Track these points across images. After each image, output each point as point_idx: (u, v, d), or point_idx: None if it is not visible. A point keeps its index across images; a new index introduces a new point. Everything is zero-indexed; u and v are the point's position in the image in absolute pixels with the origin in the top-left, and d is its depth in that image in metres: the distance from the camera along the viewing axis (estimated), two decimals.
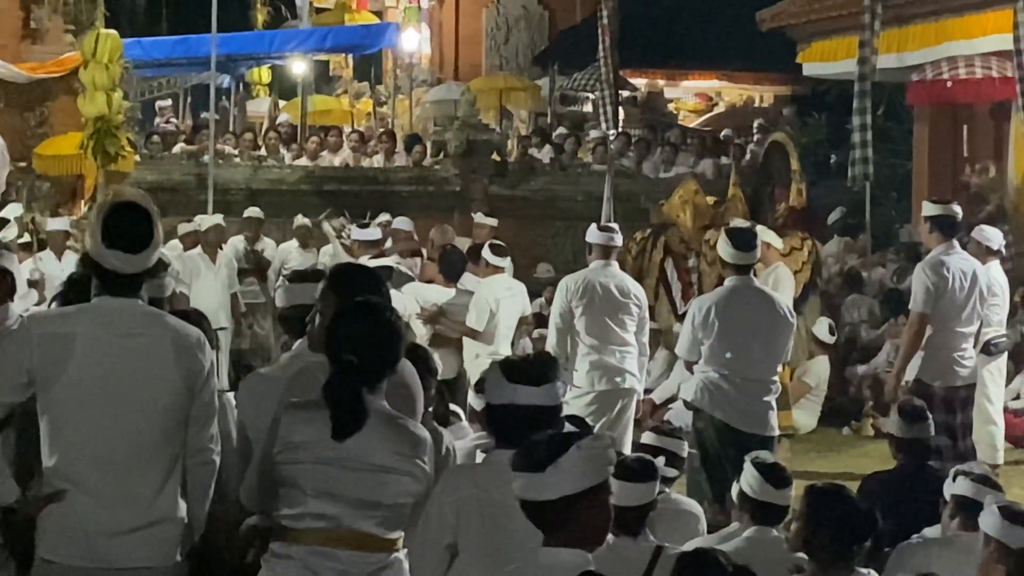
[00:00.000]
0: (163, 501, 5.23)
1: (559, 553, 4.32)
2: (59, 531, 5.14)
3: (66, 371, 5.13)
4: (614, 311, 10.88)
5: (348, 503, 4.94)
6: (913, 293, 10.65)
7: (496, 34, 33.29)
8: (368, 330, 5.09)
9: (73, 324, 5.22)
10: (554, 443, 4.30)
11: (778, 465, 6.67)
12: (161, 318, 5.34)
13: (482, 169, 21.80)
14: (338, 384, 5.00)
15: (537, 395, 4.98)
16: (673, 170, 22.77)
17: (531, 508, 4.31)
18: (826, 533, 5.79)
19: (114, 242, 5.20)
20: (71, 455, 5.15)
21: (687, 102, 33.36)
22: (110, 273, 5.25)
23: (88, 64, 16.75)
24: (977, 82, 19.58)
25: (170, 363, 5.22)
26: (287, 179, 21.44)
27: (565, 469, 4.23)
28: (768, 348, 9.67)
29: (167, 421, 5.22)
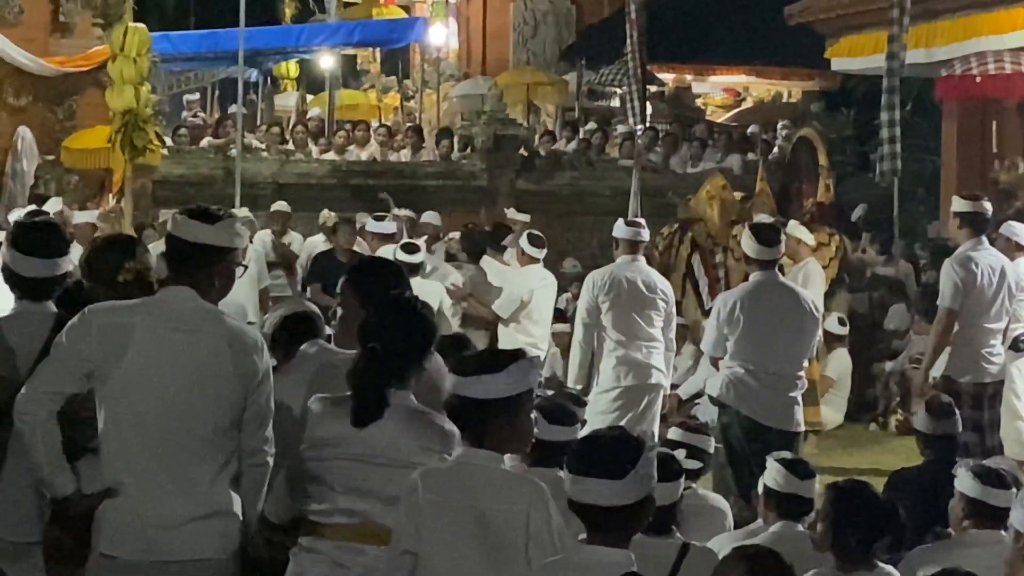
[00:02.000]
0: (218, 494, 5.24)
1: (600, 551, 4.38)
2: (117, 525, 5.16)
3: (124, 362, 5.15)
4: (641, 307, 10.85)
5: (376, 498, 4.94)
6: (941, 289, 10.59)
7: (524, 29, 33.24)
8: (395, 321, 5.09)
9: (132, 316, 5.24)
10: (624, 446, 4.45)
11: (800, 459, 6.67)
12: (220, 316, 5.35)
13: (509, 164, 21.83)
14: (361, 372, 5.01)
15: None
16: (700, 165, 22.77)
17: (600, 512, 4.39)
18: (850, 530, 5.77)
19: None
20: (128, 446, 5.17)
21: (715, 97, 33.31)
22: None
23: (116, 58, 16.77)
24: (1006, 77, 19.49)
25: (227, 362, 5.23)
26: (314, 173, 21.47)
27: (644, 473, 4.41)
28: (793, 343, 9.64)
29: (221, 418, 5.23)
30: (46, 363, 5.29)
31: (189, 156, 21.12)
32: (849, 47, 21.68)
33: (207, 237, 5.29)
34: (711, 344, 9.80)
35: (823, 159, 15.63)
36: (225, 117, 24.38)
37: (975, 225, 10.53)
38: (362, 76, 35.01)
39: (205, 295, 5.29)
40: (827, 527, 5.82)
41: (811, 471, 6.51)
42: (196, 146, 21.99)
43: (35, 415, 5.18)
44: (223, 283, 5.37)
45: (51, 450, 5.20)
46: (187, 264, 5.29)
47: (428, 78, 30.94)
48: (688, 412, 12.60)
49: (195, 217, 5.33)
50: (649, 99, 21.21)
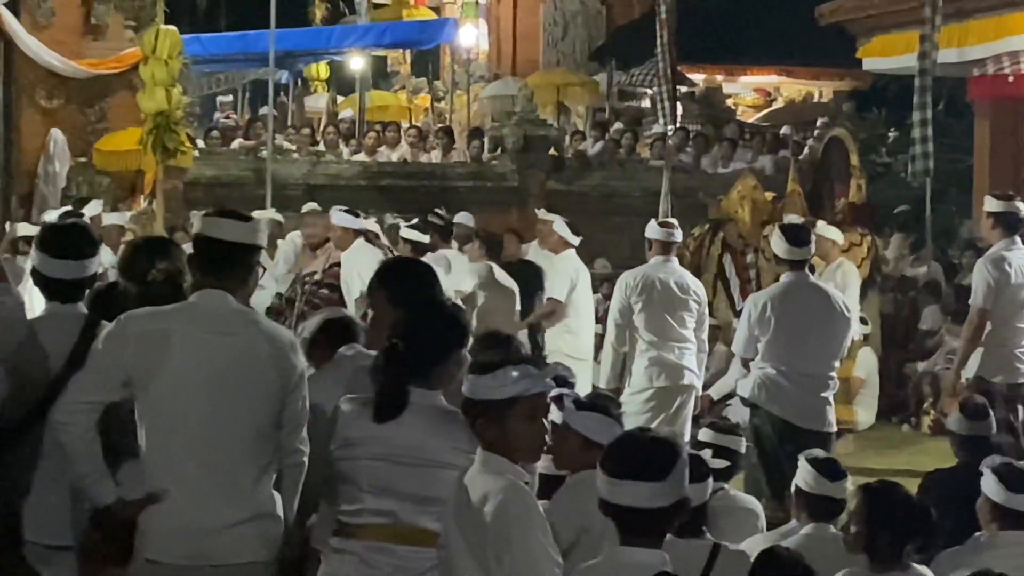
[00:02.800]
0: (260, 497, 5.25)
1: (635, 552, 4.38)
2: (163, 531, 5.16)
3: (163, 369, 5.16)
4: (673, 307, 10.83)
5: (405, 499, 4.93)
6: (973, 289, 10.55)
7: (554, 29, 33.21)
8: (422, 319, 5.09)
9: (169, 322, 5.25)
10: (662, 448, 4.51)
11: (831, 459, 6.63)
12: (255, 318, 5.38)
13: (539, 164, 21.84)
14: (381, 367, 5.01)
15: None
16: (731, 166, 22.73)
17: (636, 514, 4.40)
18: (882, 531, 5.75)
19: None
20: (170, 452, 5.17)
21: (746, 97, 33.27)
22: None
23: (148, 60, 16.84)
24: None
25: (265, 363, 5.24)
26: (345, 174, 21.50)
27: (680, 475, 4.44)
28: (825, 344, 9.62)
29: (262, 420, 5.24)
30: (84, 372, 5.29)
31: (220, 158, 21.16)
32: (881, 47, 21.63)
33: (239, 235, 5.31)
34: (742, 345, 9.77)
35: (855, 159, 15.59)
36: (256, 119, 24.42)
37: (1008, 224, 10.49)
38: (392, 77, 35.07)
39: (236, 295, 5.29)
40: (859, 528, 5.80)
41: (842, 472, 6.49)
42: (227, 148, 22.03)
43: (75, 426, 5.18)
44: (252, 282, 5.40)
45: (92, 460, 5.21)
46: (218, 264, 5.29)
47: (458, 79, 30.99)
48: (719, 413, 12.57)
49: (223, 216, 5.35)
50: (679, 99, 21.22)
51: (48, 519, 5.63)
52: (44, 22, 18.43)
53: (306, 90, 32.33)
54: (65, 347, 5.58)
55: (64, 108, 18.57)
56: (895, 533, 5.75)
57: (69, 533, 5.60)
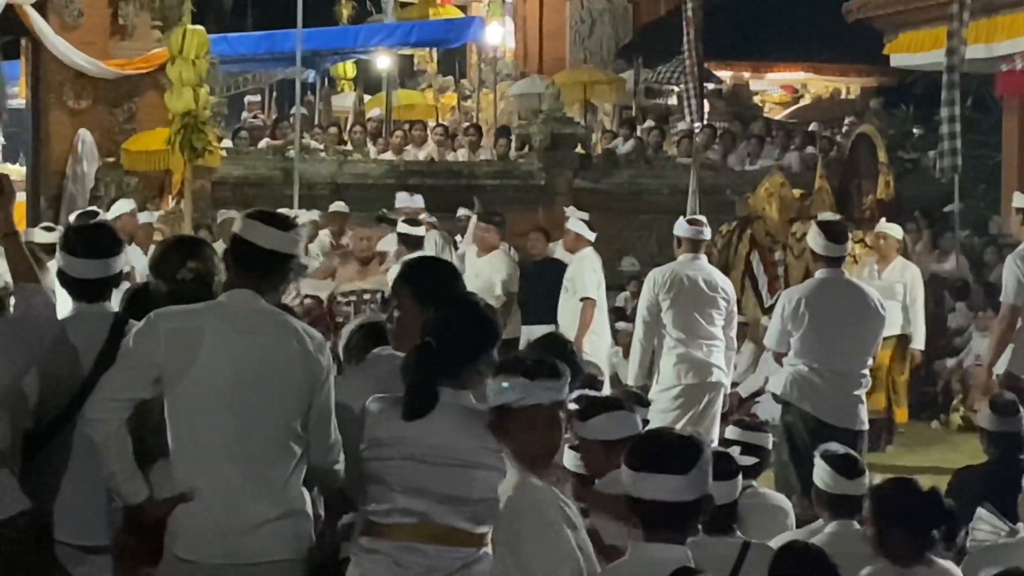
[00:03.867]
0: (291, 494, 5.26)
1: (658, 548, 4.40)
2: (194, 529, 5.17)
3: (194, 366, 5.17)
4: (702, 305, 10.81)
5: (436, 498, 4.93)
6: (1004, 285, 10.52)
7: (580, 27, 33.19)
8: (453, 318, 5.09)
9: (200, 320, 5.26)
10: (686, 442, 4.56)
11: (849, 456, 6.59)
12: (285, 318, 5.38)
13: (567, 162, 21.83)
14: (412, 365, 5.01)
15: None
16: (759, 163, 22.70)
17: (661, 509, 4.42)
18: (898, 528, 5.74)
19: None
20: (201, 450, 5.18)
21: (772, 94, 33.21)
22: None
23: (175, 60, 16.87)
24: None
25: (295, 363, 5.25)
26: (372, 173, 21.52)
27: (705, 470, 4.49)
28: (858, 341, 9.60)
29: (292, 418, 5.24)
30: (114, 370, 5.30)
31: (248, 157, 21.20)
32: (908, 43, 21.55)
33: (278, 244, 5.31)
34: (775, 339, 9.75)
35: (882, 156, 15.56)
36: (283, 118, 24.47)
37: None
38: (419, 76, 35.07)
39: (266, 297, 5.30)
40: (876, 529, 5.79)
41: (860, 469, 6.45)
42: (255, 147, 22.07)
43: (106, 423, 5.19)
44: (284, 288, 5.42)
45: (123, 457, 5.21)
46: (255, 268, 5.30)
47: (485, 77, 30.98)
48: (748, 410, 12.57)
49: (267, 223, 5.34)
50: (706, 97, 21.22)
51: (81, 520, 5.64)
52: (72, 23, 18.47)
53: (333, 89, 32.35)
54: (94, 347, 5.60)
55: (92, 109, 18.61)
56: (910, 530, 5.74)
57: (102, 534, 5.61)
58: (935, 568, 5.75)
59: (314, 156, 21.61)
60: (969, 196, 20.18)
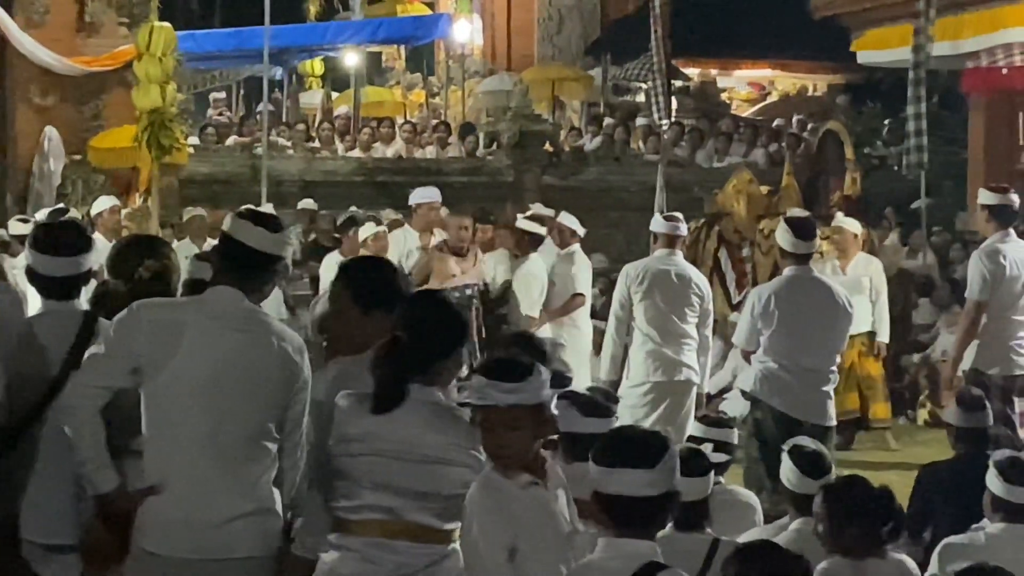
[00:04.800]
0: (262, 492, 5.26)
1: (626, 543, 4.41)
2: (163, 522, 5.16)
3: (174, 359, 5.16)
4: (674, 302, 10.78)
5: (405, 494, 4.92)
6: (969, 281, 10.57)
7: (548, 24, 33.21)
8: (423, 314, 5.08)
9: (183, 313, 5.28)
10: (652, 438, 4.61)
11: (815, 454, 6.59)
12: (267, 318, 5.38)
13: (535, 159, 21.83)
14: (381, 360, 4.99)
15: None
16: (726, 160, 22.77)
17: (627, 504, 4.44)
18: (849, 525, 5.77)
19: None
20: (176, 443, 5.18)
21: (740, 91, 33.26)
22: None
23: (142, 57, 16.80)
24: None
25: (274, 363, 5.26)
26: (340, 170, 21.50)
27: (671, 465, 4.51)
28: (827, 338, 9.63)
29: (267, 418, 5.25)
30: (93, 357, 5.29)
31: (215, 154, 21.16)
32: (875, 40, 21.63)
33: (267, 245, 5.30)
34: (744, 337, 9.76)
35: (849, 153, 15.60)
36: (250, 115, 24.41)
37: (1002, 217, 10.51)
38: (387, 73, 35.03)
39: (250, 297, 5.30)
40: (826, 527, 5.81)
41: (826, 468, 6.46)
42: (222, 144, 22.02)
43: (82, 410, 5.18)
44: (269, 289, 5.41)
45: (96, 445, 5.20)
46: (241, 267, 5.30)
47: (453, 74, 30.96)
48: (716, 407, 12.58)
49: (257, 223, 5.33)
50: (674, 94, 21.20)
51: (48, 518, 5.62)
52: (38, 20, 18.42)
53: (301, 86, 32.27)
54: (63, 345, 5.58)
55: (59, 106, 18.56)
56: (861, 525, 5.76)
57: (69, 533, 5.60)
58: (888, 561, 5.78)
59: (282, 153, 21.58)
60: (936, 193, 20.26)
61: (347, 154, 22.65)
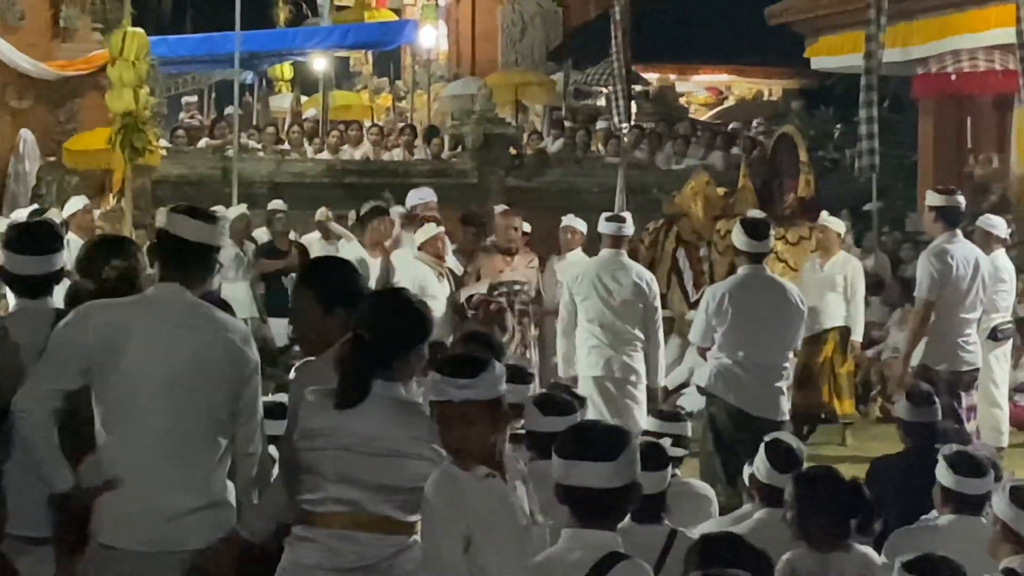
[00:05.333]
0: (215, 485, 5.27)
1: (587, 534, 4.41)
2: (118, 517, 5.15)
3: (123, 359, 5.16)
4: (615, 300, 10.71)
5: (368, 487, 4.91)
6: (918, 281, 10.63)
7: (512, 30, 33.21)
8: (386, 311, 5.06)
9: (130, 314, 5.27)
10: (612, 431, 4.61)
11: (790, 449, 6.62)
12: (212, 312, 5.37)
13: (499, 162, 21.83)
14: (346, 357, 4.98)
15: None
16: (684, 162, 22.78)
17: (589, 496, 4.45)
18: (816, 516, 5.78)
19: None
20: (128, 440, 5.17)
21: (698, 96, 33.34)
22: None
23: (116, 61, 16.73)
24: (981, 75, 19.54)
25: (221, 356, 5.26)
26: (309, 172, 21.46)
27: (631, 458, 4.51)
28: (780, 335, 9.64)
29: (217, 411, 5.25)
30: (44, 360, 5.28)
31: (187, 157, 21.09)
32: (828, 46, 21.71)
33: (204, 236, 5.30)
34: (699, 334, 9.77)
35: (803, 155, 15.60)
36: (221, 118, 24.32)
37: (949, 218, 10.57)
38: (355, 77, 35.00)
39: (193, 290, 5.29)
40: (794, 515, 5.82)
41: (796, 463, 6.48)
42: (194, 147, 21.95)
43: (34, 413, 5.18)
44: (211, 280, 5.40)
45: (49, 447, 5.20)
46: (181, 261, 5.29)
47: (419, 79, 30.97)
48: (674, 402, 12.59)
49: (192, 216, 5.34)
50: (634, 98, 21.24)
51: (24, 511, 5.60)
52: (14, 25, 18.33)
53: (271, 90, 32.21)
54: (37, 343, 5.54)
55: (34, 109, 18.48)
56: (830, 516, 5.77)
57: (45, 525, 5.57)
58: (853, 554, 5.78)
59: (252, 155, 21.51)
60: (886, 195, 20.33)
61: (316, 156, 22.59)
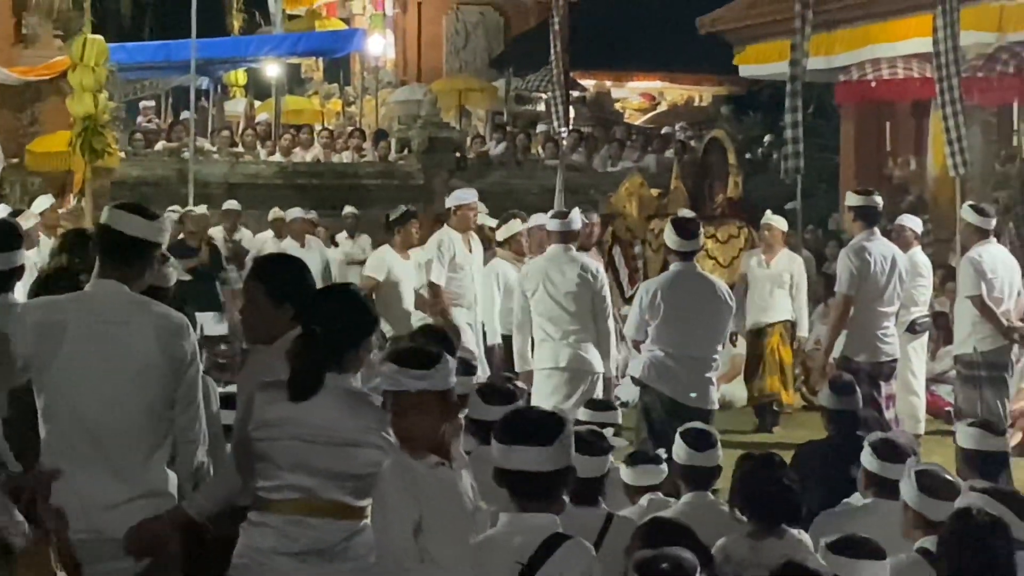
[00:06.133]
0: (153, 475, 5.25)
1: (528, 517, 4.41)
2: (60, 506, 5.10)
3: (59, 356, 5.14)
4: (562, 295, 10.51)
5: (320, 474, 4.90)
6: (838, 276, 10.70)
7: (456, 39, 33.22)
8: (336, 307, 5.05)
9: (64, 312, 5.23)
10: (548, 418, 4.61)
11: (703, 431, 6.69)
12: (147, 305, 5.32)
13: (443, 164, 21.85)
14: (300, 352, 4.97)
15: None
16: (620, 164, 22.86)
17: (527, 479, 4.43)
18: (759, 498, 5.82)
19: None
20: (65, 433, 5.16)
21: (632, 101, 33.40)
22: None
23: (76, 67, 16.63)
24: (899, 82, 19.64)
25: (154, 348, 5.22)
26: (262, 174, 21.41)
27: (566, 442, 4.50)
28: (709, 329, 9.64)
29: (153, 402, 5.22)
30: None
31: (145, 159, 21.03)
32: (755, 55, 21.79)
33: (143, 232, 5.27)
34: (633, 328, 9.77)
35: (732, 158, 15.67)
36: (178, 122, 24.21)
37: (867, 218, 10.66)
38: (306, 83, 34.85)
39: (132, 285, 5.26)
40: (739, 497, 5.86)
41: (712, 442, 6.54)
42: (151, 149, 21.86)
43: None
44: (149, 275, 5.37)
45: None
46: (120, 255, 5.26)
47: (367, 85, 30.91)
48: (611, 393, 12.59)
49: (132, 212, 5.31)
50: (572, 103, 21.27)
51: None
52: None
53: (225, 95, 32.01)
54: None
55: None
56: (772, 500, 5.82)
57: None
58: (786, 539, 5.82)
59: (208, 158, 21.44)
60: (810, 195, 20.44)
61: (269, 158, 22.54)
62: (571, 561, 4.39)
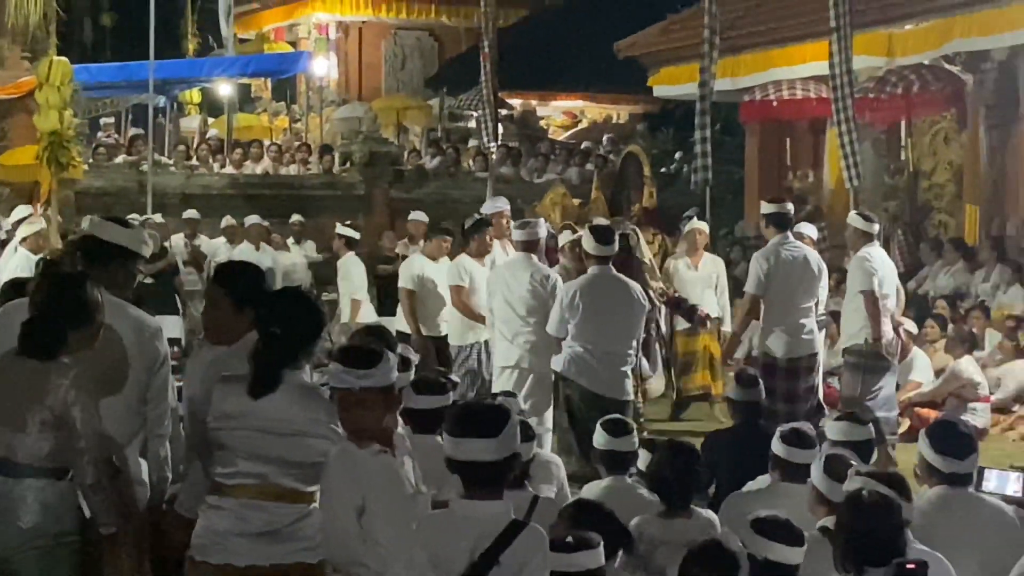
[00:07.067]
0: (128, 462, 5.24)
1: (480, 504, 4.40)
2: None
3: None
4: (517, 296, 10.30)
5: (274, 463, 4.91)
6: (749, 278, 10.71)
7: (394, 61, 33.20)
8: (292, 310, 5.06)
9: None
10: (494, 411, 4.56)
11: (621, 420, 6.75)
12: (125, 309, 5.32)
13: (383, 176, 21.86)
14: (261, 352, 4.97)
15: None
16: (544, 176, 22.87)
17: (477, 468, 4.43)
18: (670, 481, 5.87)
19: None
20: None
21: (556, 119, 33.40)
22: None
23: (42, 86, 16.53)
24: (799, 102, 19.80)
25: (131, 349, 5.21)
26: (215, 185, 21.32)
27: (512, 432, 4.47)
28: (624, 326, 9.66)
29: (129, 398, 5.19)
30: None
31: (106, 171, 20.88)
32: (668, 76, 21.88)
33: (121, 239, 5.26)
34: (555, 326, 9.74)
35: (647, 171, 15.74)
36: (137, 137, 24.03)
37: (779, 223, 10.67)
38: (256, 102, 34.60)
39: (113, 291, 5.24)
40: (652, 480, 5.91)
41: (628, 430, 6.60)
42: (112, 162, 21.71)
43: None
44: (129, 282, 5.35)
45: None
46: (101, 261, 5.24)
47: (312, 103, 30.78)
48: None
49: (115, 221, 5.31)
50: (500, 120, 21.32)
51: None
52: None
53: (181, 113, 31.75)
54: None
55: None
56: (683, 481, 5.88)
57: None
58: (696, 517, 5.88)
59: (165, 170, 21.31)
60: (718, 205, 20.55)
61: (221, 171, 22.42)
62: (531, 546, 4.39)
